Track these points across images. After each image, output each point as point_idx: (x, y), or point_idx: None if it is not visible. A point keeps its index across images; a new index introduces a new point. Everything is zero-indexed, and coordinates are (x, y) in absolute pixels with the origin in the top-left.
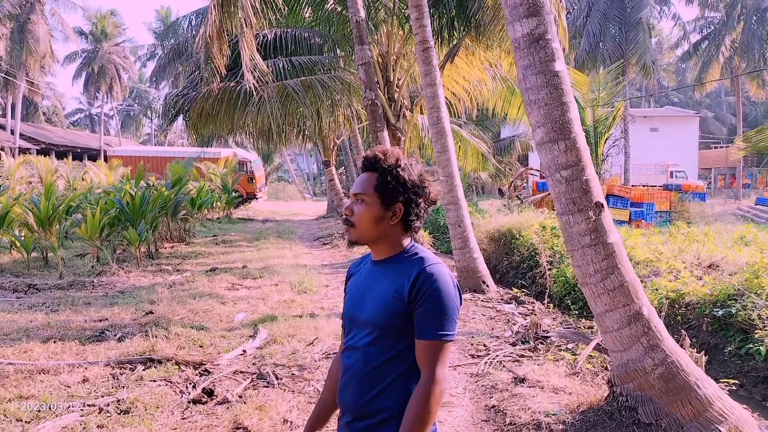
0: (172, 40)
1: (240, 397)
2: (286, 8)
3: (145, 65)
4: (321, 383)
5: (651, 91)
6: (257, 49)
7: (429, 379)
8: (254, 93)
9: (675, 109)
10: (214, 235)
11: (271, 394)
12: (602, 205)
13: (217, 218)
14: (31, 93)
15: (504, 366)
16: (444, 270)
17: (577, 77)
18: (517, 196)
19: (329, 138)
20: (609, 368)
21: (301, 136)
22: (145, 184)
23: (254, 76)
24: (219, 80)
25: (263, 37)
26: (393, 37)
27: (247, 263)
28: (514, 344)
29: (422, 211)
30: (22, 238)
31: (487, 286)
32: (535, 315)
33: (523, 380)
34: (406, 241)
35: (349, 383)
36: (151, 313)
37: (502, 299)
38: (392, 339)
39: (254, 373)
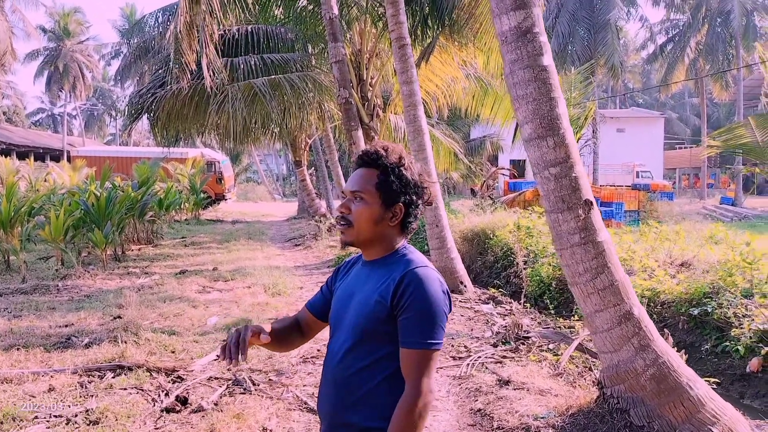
0: (137, 38)
1: (216, 404)
2: (257, 6)
3: (110, 64)
4: (300, 389)
5: (617, 92)
6: (227, 45)
7: (413, 391)
8: (218, 92)
9: (640, 110)
10: (183, 237)
11: (248, 401)
12: (591, 203)
13: (186, 220)
14: None
15: (487, 368)
16: (432, 273)
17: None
18: (489, 196)
19: (300, 138)
20: (599, 369)
21: (270, 136)
22: (110, 185)
23: (215, 75)
24: (189, 77)
25: (234, 33)
26: (366, 35)
27: (217, 265)
28: (495, 345)
29: (420, 212)
30: None
31: (465, 286)
32: (514, 315)
33: (507, 382)
34: (400, 243)
35: (326, 390)
36: (120, 317)
37: (479, 299)
38: (372, 345)
39: (230, 380)
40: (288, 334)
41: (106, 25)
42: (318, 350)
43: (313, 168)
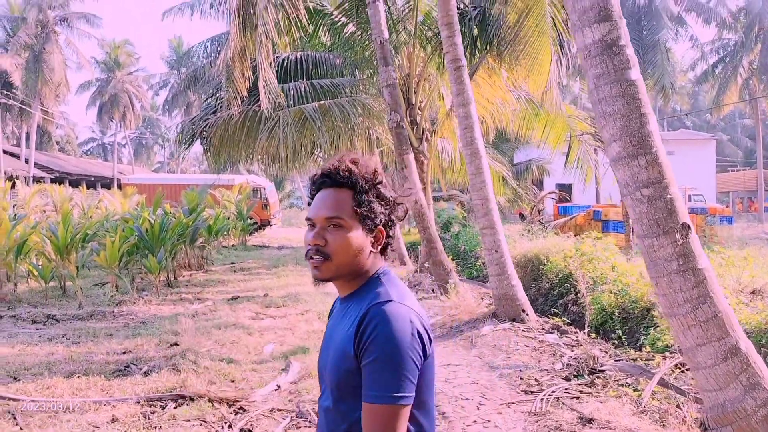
0: (186, 69)
1: None
2: (308, 29)
3: (158, 93)
4: None
5: (665, 114)
6: (278, 72)
7: None
8: (270, 116)
9: (691, 132)
10: (232, 263)
11: None
12: (689, 227)
13: (233, 245)
14: (45, 122)
15: (563, 404)
16: (397, 310)
17: None
18: (539, 221)
19: None
20: (702, 409)
21: (316, 162)
22: (162, 212)
23: (270, 99)
24: (240, 103)
25: (284, 60)
26: (414, 59)
27: (268, 291)
28: (567, 378)
29: (395, 230)
30: (40, 266)
31: (527, 315)
32: (582, 346)
33: (590, 420)
34: (375, 269)
35: None
36: (176, 344)
37: (543, 329)
38: (351, 402)
39: (293, 411)
40: None
41: (153, 57)
42: None
43: None
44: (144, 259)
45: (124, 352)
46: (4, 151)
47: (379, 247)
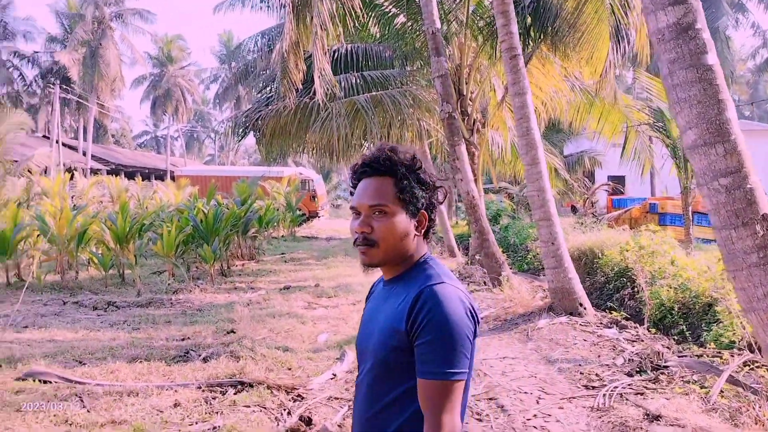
0: (237, 63)
1: (340, 426)
2: (357, 21)
3: (209, 87)
4: None
5: None
6: (329, 64)
7: (433, 429)
8: (323, 108)
9: (750, 122)
10: (282, 253)
11: None
12: None
13: (282, 236)
14: (102, 116)
15: (627, 399)
16: (451, 290)
17: (661, 86)
18: (592, 214)
19: None
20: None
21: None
22: (215, 202)
23: (324, 89)
24: (294, 95)
25: (335, 52)
26: (465, 49)
27: (319, 281)
28: (629, 374)
29: (436, 215)
30: (100, 255)
31: (585, 308)
32: (643, 341)
33: (657, 417)
34: (421, 253)
35: (356, 429)
36: (233, 332)
37: (601, 323)
38: (395, 378)
39: (350, 400)
40: None
41: (204, 51)
42: None
43: None
44: (199, 249)
45: (183, 339)
46: (63, 144)
47: (423, 231)
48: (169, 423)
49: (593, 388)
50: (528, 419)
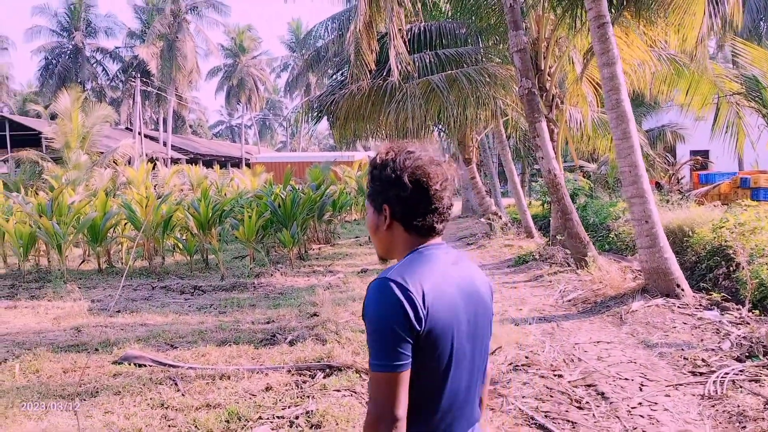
0: (307, 50)
1: None
2: (429, 3)
3: (279, 76)
4: (521, 401)
5: None
6: (404, 43)
7: (367, 416)
8: (398, 88)
9: None
10: (356, 236)
11: None
12: None
13: (355, 220)
14: (180, 107)
15: (741, 387)
16: (384, 286)
17: (756, 53)
18: (678, 190)
19: (469, 135)
20: None
21: (440, 134)
22: (291, 188)
23: (401, 69)
24: (368, 77)
25: (408, 31)
26: (543, 22)
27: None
28: (739, 359)
29: (427, 206)
30: (185, 240)
31: (683, 290)
32: (749, 324)
33: None
34: (414, 247)
35: None
36: (316, 315)
37: (700, 305)
38: None
39: None
40: None
41: (274, 40)
42: (526, 357)
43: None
44: (278, 233)
45: (268, 322)
46: (145, 135)
47: (388, 222)
48: (263, 407)
49: (701, 374)
50: (632, 407)
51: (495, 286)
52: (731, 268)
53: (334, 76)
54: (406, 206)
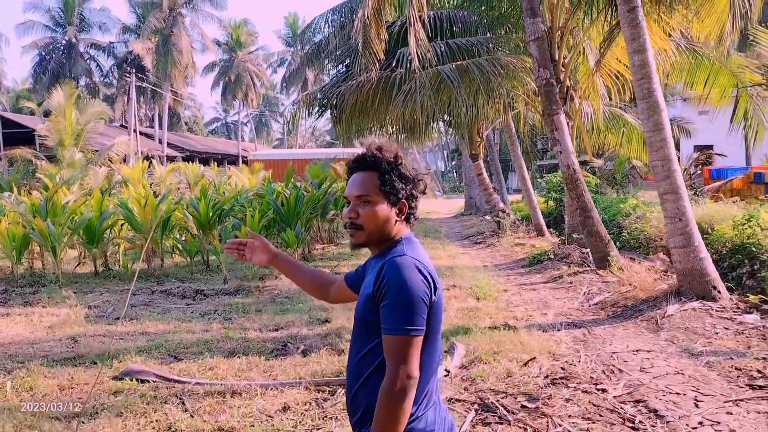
0: (307, 45)
1: None
2: None
3: (276, 71)
4: (567, 421)
5: None
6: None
7: (391, 376)
8: (407, 79)
9: None
10: None
11: None
12: None
13: None
14: (175, 103)
15: None
16: (408, 260)
17: None
18: (691, 185)
19: (476, 130)
20: None
21: (447, 128)
22: (293, 186)
23: (420, 56)
24: (377, 67)
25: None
26: (557, 11)
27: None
28: None
29: (417, 201)
30: (185, 241)
31: (719, 292)
32: None
33: None
34: (401, 234)
35: (348, 372)
36: (327, 321)
37: (738, 308)
38: (369, 335)
39: (474, 403)
40: (310, 275)
41: (270, 36)
42: (562, 368)
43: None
44: (282, 233)
45: (276, 329)
46: (140, 132)
47: (403, 217)
48: (282, 431)
49: (760, 387)
50: (693, 428)
51: (513, 287)
52: (755, 267)
53: (339, 68)
54: (412, 202)
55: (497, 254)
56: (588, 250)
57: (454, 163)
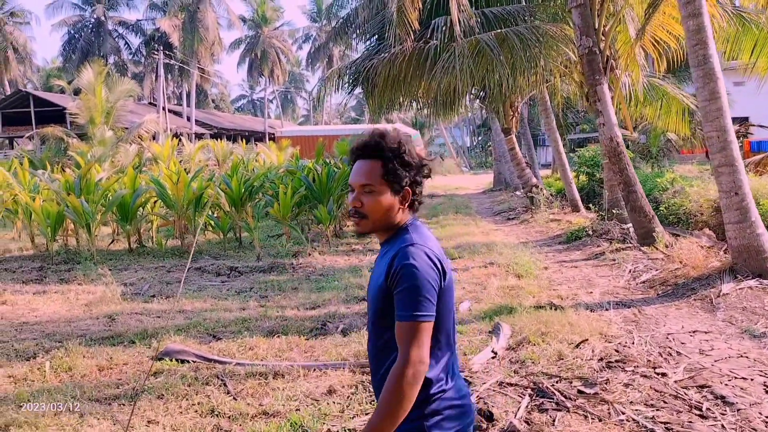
0: (325, 21)
1: (528, 423)
2: None
3: (301, 47)
4: (629, 408)
5: None
6: (447, 2)
7: (403, 360)
8: (443, 50)
9: None
10: None
11: (569, 422)
12: None
13: None
14: (202, 81)
15: None
16: (419, 249)
17: None
18: None
19: (510, 103)
20: None
21: (481, 101)
22: (323, 162)
23: (462, 23)
24: (412, 37)
25: None
26: None
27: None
28: None
29: (422, 186)
30: (217, 218)
31: None
32: None
33: None
34: (406, 219)
35: (370, 359)
36: (365, 299)
37: None
38: (386, 323)
39: (527, 387)
40: None
41: (295, 11)
42: (616, 351)
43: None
44: (314, 210)
45: (314, 307)
46: (169, 110)
47: (407, 204)
48: (329, 416)
49: None
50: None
51: (553, 265)
52: None
53: (371, 41)
54: (417, 188)
55: (532, 230)
56: (628, 225)
57: (480, 138)
